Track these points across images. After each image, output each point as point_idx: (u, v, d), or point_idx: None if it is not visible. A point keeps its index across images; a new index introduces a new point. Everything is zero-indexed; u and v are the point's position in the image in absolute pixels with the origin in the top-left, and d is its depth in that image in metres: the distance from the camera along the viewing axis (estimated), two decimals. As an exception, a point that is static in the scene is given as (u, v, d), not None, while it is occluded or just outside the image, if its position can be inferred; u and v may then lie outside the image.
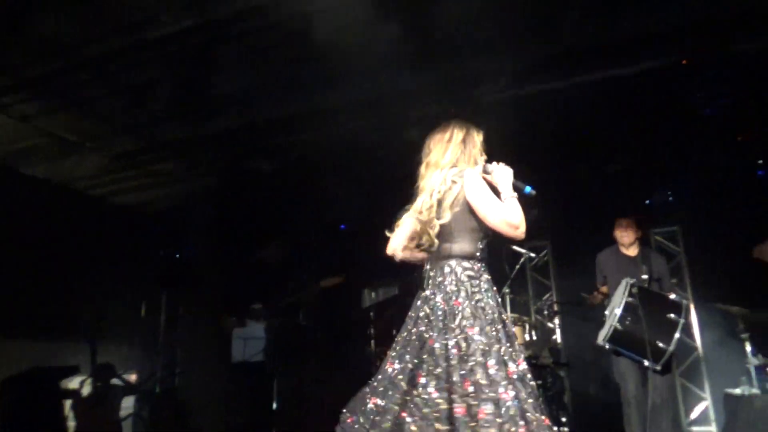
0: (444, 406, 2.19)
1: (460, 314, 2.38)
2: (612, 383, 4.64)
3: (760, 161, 6.46)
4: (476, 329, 2.34)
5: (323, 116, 6.13)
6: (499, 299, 2.58)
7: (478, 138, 2.76)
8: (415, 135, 6.21)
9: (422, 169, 2.75)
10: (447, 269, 2.51)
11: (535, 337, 5.38)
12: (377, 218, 3.12)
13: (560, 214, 6.87)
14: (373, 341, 5.82)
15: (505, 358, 2.30)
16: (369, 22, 4.59)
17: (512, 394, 2.19)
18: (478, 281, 2.48)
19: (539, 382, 4.84)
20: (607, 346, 4.24)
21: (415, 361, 2.36)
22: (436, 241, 2.57)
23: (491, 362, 2.26)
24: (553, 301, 7.17)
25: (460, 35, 5.21)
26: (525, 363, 2.38)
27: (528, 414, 2.16)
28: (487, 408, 2.15)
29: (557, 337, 7.02)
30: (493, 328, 2.37)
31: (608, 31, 5.42)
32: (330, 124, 6.22)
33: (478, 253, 2.55)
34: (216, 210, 7.40)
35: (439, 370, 2.28)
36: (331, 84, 5.53)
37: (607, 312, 4.44)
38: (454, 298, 2.43)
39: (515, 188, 2.61)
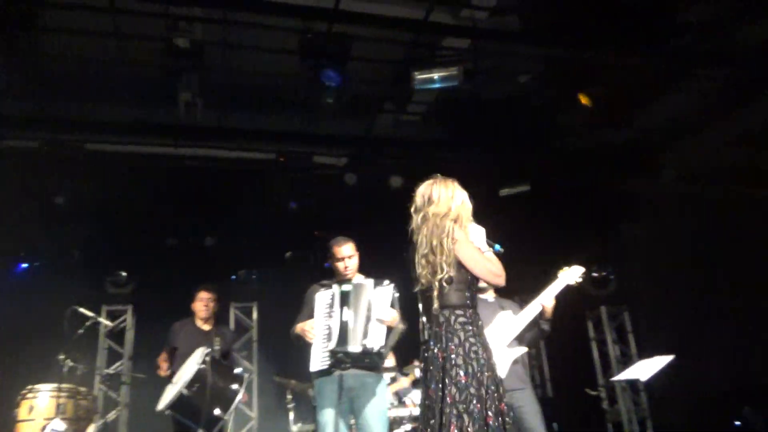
0: None
1: (452, 361, 2.54)
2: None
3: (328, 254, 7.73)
4: (467, 376, 2.50)
5: None
6: (488, 343, 2.71)
7: (469, 200, 2.93)
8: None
9: (420, 217, 2.83)
10: (441, 319, 2.66)
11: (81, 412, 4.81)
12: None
13: (146, 281, 6.73)
14: None
15: (489, 402, 2.48)
16: None
17: None
18: (470, 327, 2.64)
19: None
20: (167, 413, 4.21)
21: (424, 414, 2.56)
22: (435, 293, 2.68)
23: (476, 408, 2.44)
24: (122, 371, 6.75)
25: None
26: (504, 406, 2.54)
27: None
28: None
29: (120, 409, 6.60)
30: (482, 373, 2.53)
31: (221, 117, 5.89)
32: None
33: (468, 302, 2.71)
34: None
35: (433, 420, 2.48)
36: None
37: (174, 379, 4.42)
38: (448, 345, 2.58)
39: (488, 245, 2.89)
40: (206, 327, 4.90)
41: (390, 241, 6.92)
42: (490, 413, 2.46)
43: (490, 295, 4.09)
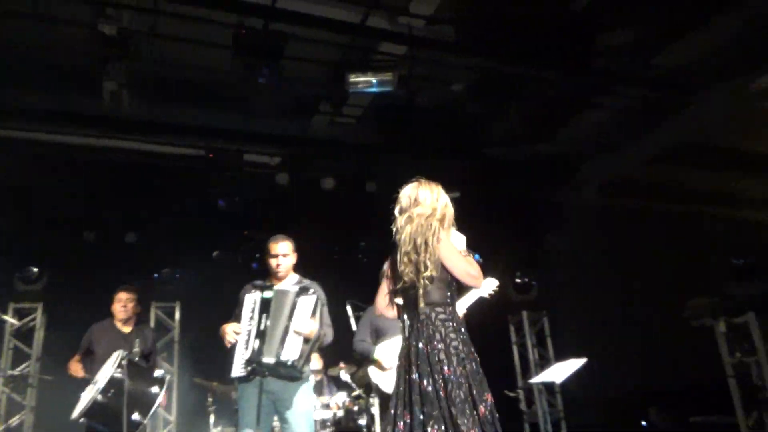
0: None
1: (436, 356, 2.64)
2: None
3: (257, 255, 7.60)
4: (450, 369, 2.60)
5: None
6: (468, 338, 2.79)
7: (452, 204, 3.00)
8: None
9: (405, 218, 2.89)
10: (422, 316, 2.75)
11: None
12: None
13: (60, 277, 6.38)
14: None
15: (474, 393, 2.58)
16: None
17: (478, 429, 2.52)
18: (450, 323, 2.74)
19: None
20: (81, 420, 3.99)
21: (416, 406, 2.59)
22: (421, 291, 2.76)
23: (461, 399, 2.55)
24: (29, 373, 6.34)
25: None
26: (491, 397, 2.66)
27: None
28: None
29: (26, 413, 6.20)
30: (464, 367, 2.63)
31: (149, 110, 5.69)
32: None
33: (448, 300, 2.80)
34: None
35: (436, 412, 2.55)
36: None
37: (92, 383, 4.22)
38: (431, 341, 2.68)
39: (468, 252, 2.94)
40: (126, 329, 4.70)
41: (321, 243, 6.93)
42: (481, 406, 2.58)
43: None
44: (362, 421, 4.94)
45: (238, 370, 3.35)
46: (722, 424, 5.19)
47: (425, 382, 2.62)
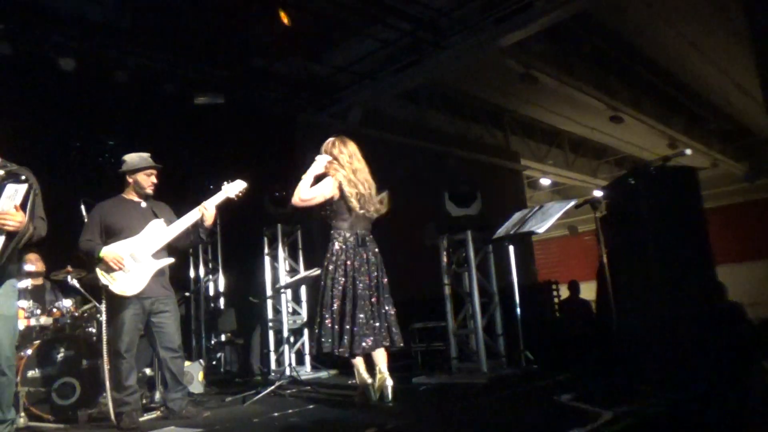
0: (377, 323, 3.81)
1: (378, 266, 3.92)
2: None
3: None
4: (383, 277, 3.93)
5: None
6: None
7: None
8: None
9: (348, 168, 3.95)
10: (369, 237, 3.97)
11: None
12: None
13: None
14: None
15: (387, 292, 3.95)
16: None
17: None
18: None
19: None
20: None
21: (353, 294, 3.79)
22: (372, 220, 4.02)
23: (388, 296, 3.93)
24: None
25: None
26: None
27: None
28: (394, 326, 3.87)
29: None
30: (384, 275, 3.97)
31: None
32: None
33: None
34: None
35: (363, 302, 3.79)
36: None
37: None
38: (376, 255, 3.95)
39: None
40: None
41: (55, 133, 6.01)
42: (390, 301, 3.93)
43: (143, 201, 3.96)
44: (92, 329, 4.59)
45: None
46: (437, 327, 6.03)
47: (361, 278, 3.79)
